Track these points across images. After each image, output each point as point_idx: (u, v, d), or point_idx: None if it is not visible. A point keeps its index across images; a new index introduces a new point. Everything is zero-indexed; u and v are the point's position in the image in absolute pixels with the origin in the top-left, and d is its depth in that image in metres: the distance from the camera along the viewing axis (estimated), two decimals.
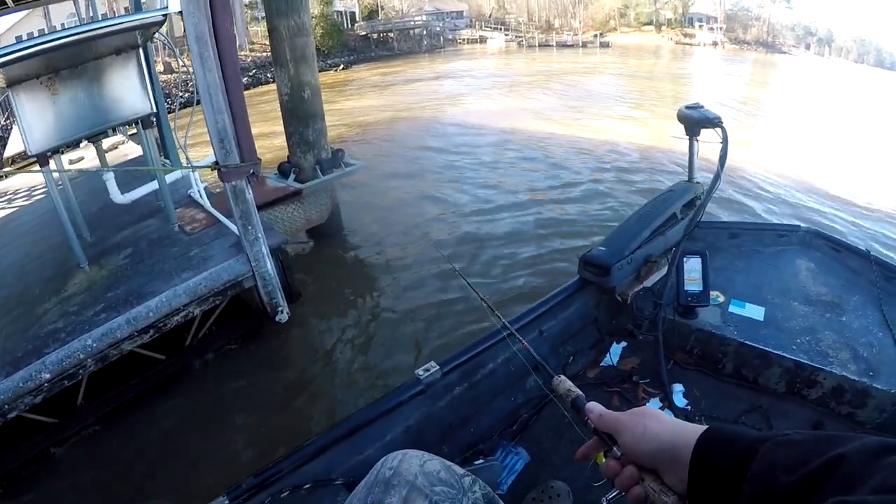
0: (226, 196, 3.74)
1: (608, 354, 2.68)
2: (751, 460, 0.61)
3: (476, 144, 11.18)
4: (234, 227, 3.94)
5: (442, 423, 2.20)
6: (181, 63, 3.56)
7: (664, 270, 2.74)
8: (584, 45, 48.51)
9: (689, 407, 2.34)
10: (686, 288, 2.50)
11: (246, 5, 32.86)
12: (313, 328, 4.82)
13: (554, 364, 2.56)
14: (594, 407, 0.84)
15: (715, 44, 54.94)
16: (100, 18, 6.07)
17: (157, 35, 4.00)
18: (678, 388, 2.43)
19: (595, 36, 51.68)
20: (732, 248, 3.15)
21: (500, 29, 54.03)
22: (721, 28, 57.07)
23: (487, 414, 2.34)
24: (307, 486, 1.77)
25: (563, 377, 1.04)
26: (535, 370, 2.18)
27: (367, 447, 1.97)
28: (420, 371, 2.14)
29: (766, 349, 2.34)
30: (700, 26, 58.00)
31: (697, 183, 3.04)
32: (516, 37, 51.65)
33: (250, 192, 3.70)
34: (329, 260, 6.17)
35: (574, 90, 20.08)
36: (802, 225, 3.19)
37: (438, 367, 2.16)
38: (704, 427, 0.71)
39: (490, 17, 58.27)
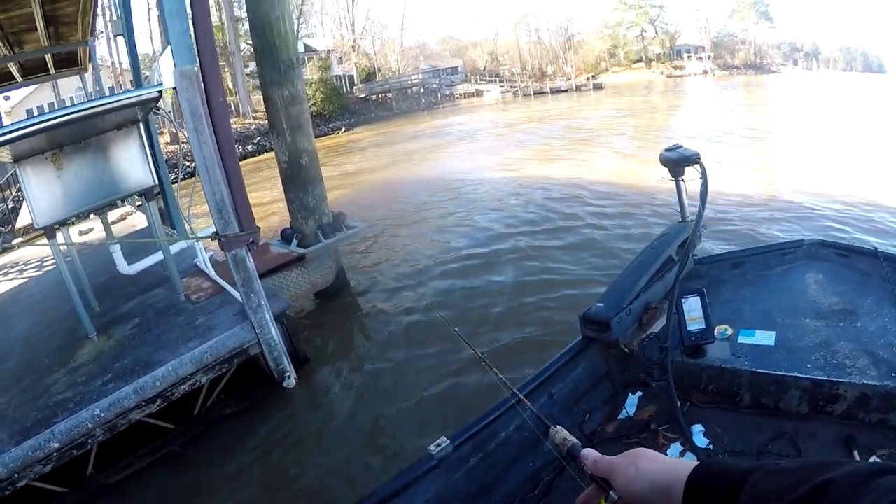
0: (227, 265, 3.85)
1: (624, 408, 2.65)
2: (740, 492, 0.61)
3: (477, 194, 11.39)
4: (238, 295, 4.04)
5: (460, 495, 2.16)
6: (183, 133, 3.75)
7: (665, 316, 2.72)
8: (578, 88, 49.52)
9: (710, 446, 2.29)
10: (689, 328, 2.48)
11: (247, 74, 33.92)
12: (322, 393, 4.78)
13: (568, 424, 2.43)
14: (588, 454, 0.87)
15: (705, 72, 56.14)
16: (105, 93, 6.36)
17: (158, 108, 4.19)
18: (698, 428, 2.38)
19: (588, 79, 52.97)
20: (736, 277, 3.11)
21: (495, 81, 55.47)
22: (709, 56, 58.51)
23: (507, 481, 2.29)
24: None
25: (558, 427, 1.07)
26: (545, 435, 2.20)
27: None
28: (432, 447, 2.12)
29: (780, 373, 2.29)
30: (689, 57, 59.60)
31: (690, 221, 3.04)
32: (511, 87, 53.03)
33: (251, 260, 3.81)
34: (336, 322, 6.18)
35: (571, 133, 20.40)
36: (806, 238, 3.16)
37: (449, 441, 2.15)
38: (696, 463, 0.71)
39: (484, 69, 59.96)
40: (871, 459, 1.89)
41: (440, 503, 2.08)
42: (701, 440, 2.31)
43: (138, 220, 6.81)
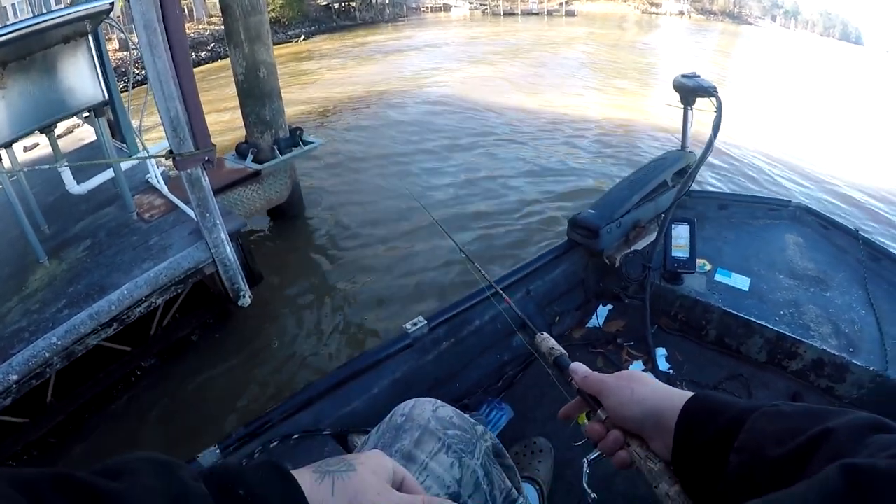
0: (182, 183, 3.71)
1: (594, 316, 2.74)
2: (738, 430, 0.60)
3: (443, 119, 11.14)
4: (192, 213, 3.91)
5: (428, 377, 2.23)
6: (132, 43, 3.46)
7: (652, 236, 2.77)
8: (550, 13, 48.24)
9: (671, 371, 2.40)
10: (673, 254, 2.54)
11: None
12: (278, 309, 4.86)
13: (540, 323, 2.60)
14: (578, 368, 0.85)
15: (681, 13, 55.38)
16: (52, 3, 5.84)
17: (109, 18, 3.88)
18: (661, 352, 2.49)
19: (561, 4, 51.39)
20: (722, 218, 3.18)
21: None
22: None
23: (473, 369, 2.37)
24: (296, 436, 1.81)
25: (545, 335, 1.04)
26: (520, 329, 2.26)
27: (353, 399, 2.00)
28: (408, 325, 2.17)
29: (750, 318, 2.39)
30: None
31: (690, 152, 3.06)
32: (481, 4, 50.95)
33: (206, 179, 3.66)
34: (291, 240, 6.18)
35: (541, 61, 20.05)
36: (793, 200, 3.23)
37: (426, 321, 2.19)
38: (691, 394, 0.70)
39: None
40: None
41: (408, 382, 2.15)
42: (662, 364, 2.43)
43: (86, 134, 6.39)
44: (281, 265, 5.56)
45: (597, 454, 0.79)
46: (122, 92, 4.45)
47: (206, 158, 3.62)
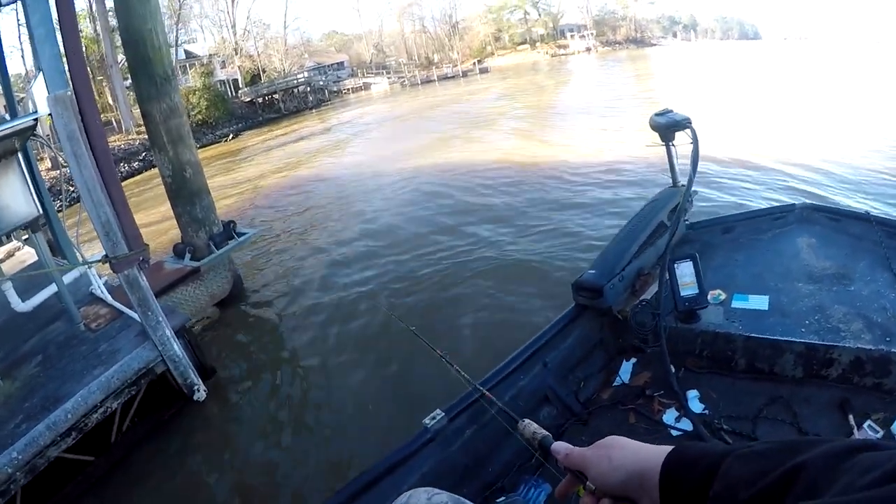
0: (122, 286, 3.85)
1: (619, 374, 2.63)
2: (714, 478, 0.60)
3: (372, 188, 11.53)
4: (137, 316, 4.02)
5: (457, 467, 2.15)
6: (62, 159, 3.63)
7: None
8: (465, 73, 50.60)
9: (706, 411, 2.28)
10: (682, 293, 2.46)
11: (128, 88, 31.61)
12: (234, 401, 4.81)
13: (563, 392, 2.51)
14: (559, 447, 0.84)
15: (588, 49, 58.68)
16: None
17: (36, 135, 4.05)
18: (693, 394, 2.38)
19: (474, 63, 54.12)
20: (728, 242, 3.08)
21: (383, 73, 55.39)
22: (592, 34, 61.06)
23: (503, 451, 2.26)
24: None
25: (527, 421, 1.04)
26: (498, 413, 2.13)
27: (384, 500, 1.89)
28: (427, 420, 2.10)
29: (774, 338, 2.28)
30: (572, 36, 61.89)
31: (681, 187, 3.02)
32: (399, 78, 53.00)
33: (144, 278, 3.81)
34: (240, 330, 6.17)
35: (460, 117, 20.95)
36: (797, 202, 3.14)
37: (444, 413, 2.12)
38: (670, 448, 0.70)
39: (371, 62, 59.73)
40: (867, 423, 1.92)
41: (437, 476, 2.06)
42: (696, 405, 2.31)
43: (27, 255, 6.45)
44: (233, 356, 5.55)
45: None
46: (57, 211, 4.59)
47: (141, 258, 3.79)
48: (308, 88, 43.65)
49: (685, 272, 2.48)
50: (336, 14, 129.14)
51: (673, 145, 2.73)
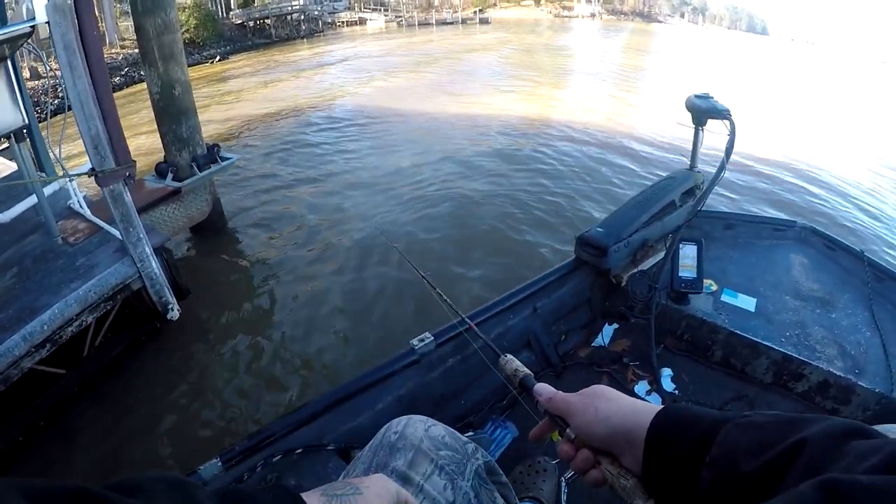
0: (105, 202, 3.77)
1: (600, 335, 2.69)
2: (710, 444, 0.58)
3: (358, 129, 11.38)
4: (116, 233, 3.96)
5: (434, 394, 2.20)
6: (48, 68, 3.47)
7: (659, 256, 2.72)
8: (464, 21, 49.32)
9: (676, 391, 2.36)
10: (680, 274, 2.52)
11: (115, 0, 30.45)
12: (207, 322, 4.89)
13: (545, 341, 2.57)
14: (543, 389, 0.82)
15: (593, 15, 57.75)
16: None
17: (28, 43, 3.87)
18: (667, 372, 2.45)
19: (475, 12, 52.70)
20: (728, 238, 3.16)
21: (380, 10, 53.54)
22: (599, 0, 59.79)
23: (479, 387, 2.32)
24: (298, 450, 1.78)
25: (510, 356, 1.01)
26: (482, 349, 2.14)
27: (358, 415, 1.97)
28: (415, 341, 2.13)
29: (756, 339, 2.36)
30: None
31: (698, 172, 3.03)
32: (396, 17, 51.52)
33: (128, 194, 3.74)
34: (216, 254, 6.20)
35: (458, 67, 20.58)
36: (799, 221, 3.22)
37: (433, 338, 2.15)
38: (659, 407, 0.68)
39: None
40: None
41: (414, 399, 2.11)
42: (668, 384, 2.40)
43: (3, 167, 6.24)
44: (208, 281, 5.56)
45: (573, 473, 0.84)
46: (39, 122, 4.42)
47: (128, 174, 3.71)
48: (302, 17, 42.13)
49: (688, 254, 2.55)
50: None
51: (703, 130, 2.74)
